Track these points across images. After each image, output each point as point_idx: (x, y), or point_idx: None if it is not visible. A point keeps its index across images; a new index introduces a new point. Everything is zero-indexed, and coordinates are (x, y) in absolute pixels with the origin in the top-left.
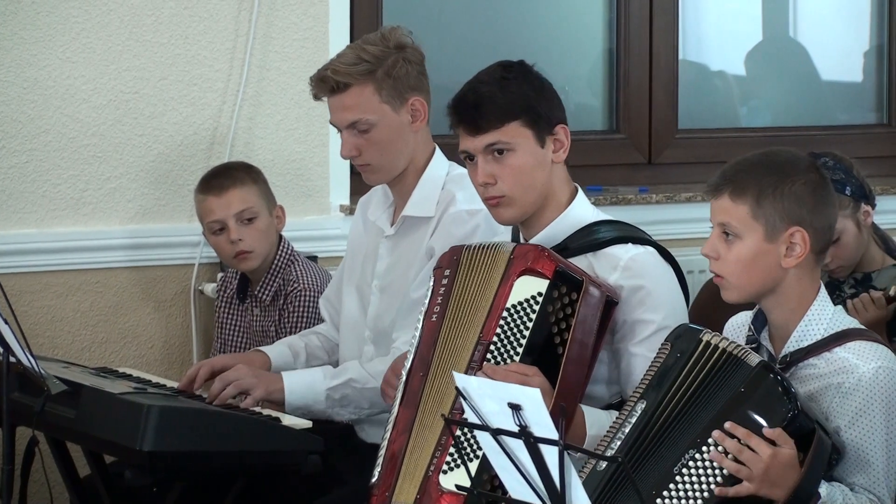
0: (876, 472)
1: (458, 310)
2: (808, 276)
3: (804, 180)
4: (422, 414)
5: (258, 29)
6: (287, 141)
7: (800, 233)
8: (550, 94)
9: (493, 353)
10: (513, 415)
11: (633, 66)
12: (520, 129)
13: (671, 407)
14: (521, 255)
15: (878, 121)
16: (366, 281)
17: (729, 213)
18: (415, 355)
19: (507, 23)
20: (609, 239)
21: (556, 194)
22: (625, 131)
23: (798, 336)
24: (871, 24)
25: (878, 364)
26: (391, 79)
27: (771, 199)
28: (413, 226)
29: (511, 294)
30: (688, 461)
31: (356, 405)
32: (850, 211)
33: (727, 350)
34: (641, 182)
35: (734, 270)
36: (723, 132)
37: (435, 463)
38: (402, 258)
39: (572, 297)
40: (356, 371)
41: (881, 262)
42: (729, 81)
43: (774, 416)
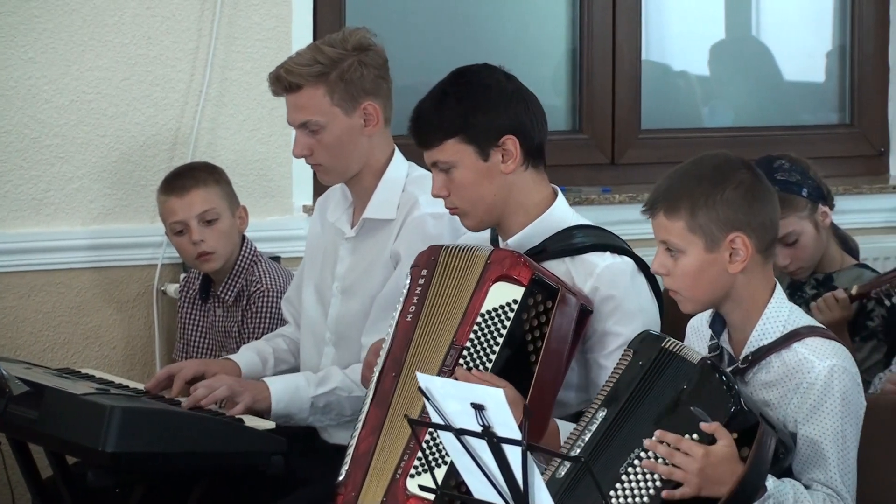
0: (832, 467)
1: (433, 311)
2: (759, 276)
3: (735, 184)
4: (392, 415)
5: (221, 29)
6: (250, 141)
7: (740, 238)
8: (499, 104)
9: (466, 358)
10: (476, 415)
11: (596, 67)
12: (458, 146)
13: (628, 412)
14: (497, 261)
15: (840, 121)
16: (326, 283)
17: (667, 231)
18: (387, 355)
19: (471, 23)
20: (588, 245)
21: (523, 200)
22: (588, 132)
23: (757, 336)
24: (834, 24)
25: (834, 362)
26: (344, 82)
27: (704, 211)
28: (374, 228)
29: (486, 300)
30: (633, 460)
31: (338, 412)
32: (807, 212)
33: (678, 354)
34: (604, 182)
35: (684, 284)
36: (685, 132)
37: (403, 466)
38: (364, 260)
39: (547, 306)
40: (340, 379)
41: (841, 262)
42: (692, 82)
43: (717, 413)
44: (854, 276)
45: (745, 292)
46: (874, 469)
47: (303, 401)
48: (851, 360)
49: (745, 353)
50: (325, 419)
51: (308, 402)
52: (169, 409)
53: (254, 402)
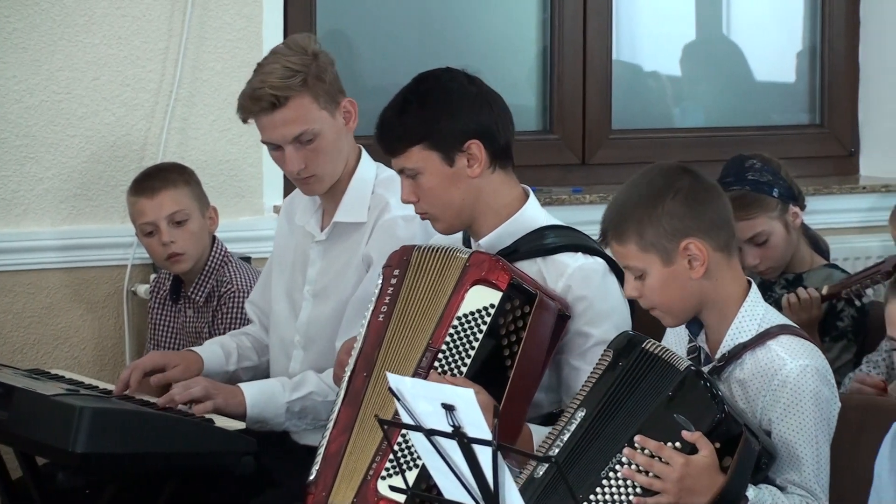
0: (806, 468)
1: (406, 311)
2: (726, 274)
3: (672, 194)
4: (363, 415)
5: (191, 29)
6: (220, 142)
7: (692, 243)
8: (462, 109)
9: (441, 360)
10: (446, 415)
11: (566, 67)
12: (423, 153)
13: (607, 414)
14: (476, 264)
15: (810, 121)
16: (296, 286)
17: (624, 257)
18: (359, 355)
19: (442, 24)
20: (559, 245)
21: (493, 202)
22: (559, 132)
23: (732, 335)
24: (804, 24)
25: (807, 362)
26: (322, 83)
27: (650, 228)
28: (345, 231)
29: (463, 303)
30: (614, 465)
31: (314, 416)
32: (777, 213)
33: (661, 357)
34: (575, 182)
35: (657, 301)
36: (656, 132)
37: (374, 468)
38: (335, 263)
39: (525, 311)
40: (315, 383)
41: (811, 262)
42: (662, 82)
43: (701, 421)
44: (824, 277)
45: (717, 294)
46: (842, 469)
47: (278, 406)
48: (824, 361)
49: (721, 351)
50: (301, 424)
51: (283, 406)
52: (139, 409)
53: (226, 405)
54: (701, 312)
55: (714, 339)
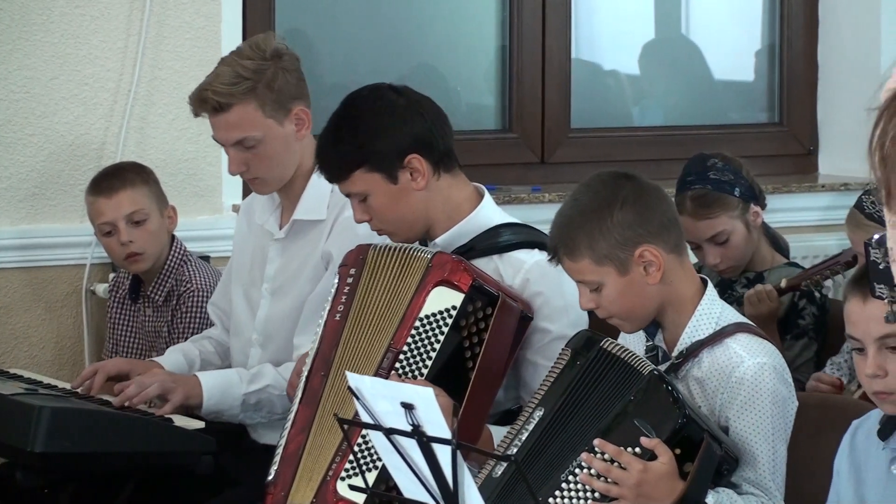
0: (762, 467)
1: (364, 310)
2: (680, 274)
3: (620, 203)
4: (321, 414)
5: (150, 28)
6: (179, 141)
7: (646, 250)
8: (395, 126)
9: (403, 361)
10: (406, 414)
11: (525, 66)
12: (366, 176)
13: (566, 413)
14: (439, 265)
15: (769, 120)
16: (254, 284)
17: (578, 272)
18: (316, 354)
19: (401, 22)
20: (516, 242)
21: (445, 207)
22: (518, 130)
23: (689, 333)
24: (763, 23)
25: (764, 360)
26: (273, 92)
27: (602, 241)
28: (304, 229)
29: (425, 304)
30: (574, 468)
31: (269, 410)
32: (738, 212)
33: (621, 358)
34: (534, 181)
35: (615, 310)
36: (615, 131)
37: (334, 468)
38: (294, 261)
39: (487, 312)
40: (273, 376)
41: (772, 261)
42: (621, 80)
43: (662, 426)
44: (784, 275)
45: (673, 295)
46: (802, 467)
47: (234, 397)
48: (781, 359)
49: (677, 349)
50: (256, 416)
51: (240, 398)
52: (98, 409)
53: (186, 398)
54: (658, 313)
55: (671, 337)
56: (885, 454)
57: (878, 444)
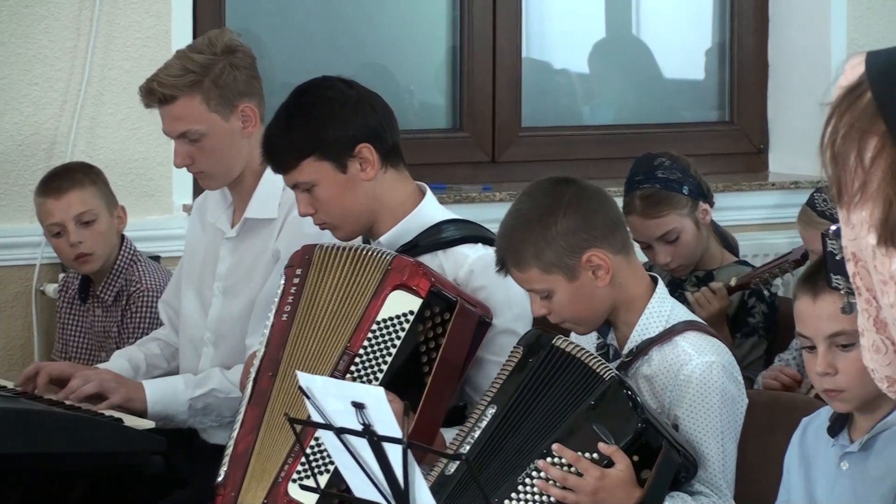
0: (713, 466)
1: (313, 311)
2: (629, 274)
3: (563, 211)
4: (270, 414)
5: (100, 27)
6: (129, 140)
7: (594, 255)
8: (346, 115)
9: (358, 364)
10: (356, 413)
11: (476, 65)
12: (315, 165)
13: (520, 412)
14: (397, 269)
15: (719, 118)
16: (206, 283)
17: (527, 282)
18: (264, 354)
19: (351, 22)
20: (459, 237)
21: (389, 202)
22: (468, 130)
23: (639, 331)
24: (713, 22)
25: (713, 359)
26: (219, 88)
27: (548, 250)
28: (255, 227)
29: (383, 308)
30: (531, 471)
31: (218, 414)
32: (687, 210)
33: (578, 358)
34: (485, 180)
35: (567, 315)
36: (566, 130)
37: (286, 470)
38: (245, 260)
39: (444, 318)
40: (218, 380)
41: (721, 259)
42: (572, 79)
43: (621, 432)
44: (734, 273)
45: (624, 295)
46: (752, 465)
47: (180, 402)
48: (730, 357)
49: (628, 347)
50: (206, 420)
51: (186, 403)
52: (47, 409)
53: (127, 399)
54: (609, 313)
55: (622, 336)
56: (834, 451)
57: (827, 440)
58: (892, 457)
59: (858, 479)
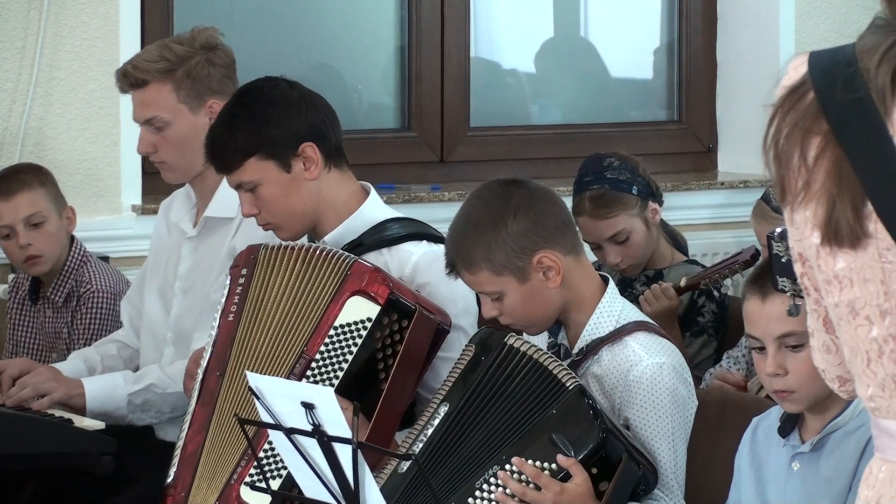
0: (664, 467)
1: (260, 311)
2: (578, 274)
3: (513, 213)
4: (219, 414)
5: (48, 28)
6: (78, 141)
7: (544, 256)
8: (290, 114)
9: (315, 370)
10: (306, 414)
11: (424, 65)
12: (259, 164)
13: (475, 411)
14: (357, 274)
15: (668, 118)
16: (168, 283)
17: (478, 284)
18: (211, 354)
19: (299, 22)
20: (403, 235)
21: (333, 202)
22: (417, 129)
23: (590, 330)
24: (662, 21)
25: (662, 360)
26: (191, 80)
27: (499, 252)
28: (215, 226)
29: (341, 313)
30: (489, 478)
31: (157, 409)
32: (637, 210)
33: (542, 364)
34: (434, 180)
35: (519, 317)
36: (514, 130)
37: (239, 472)
38: (205, 259)
39: (402, 325)
40: (156, 376)
41: (671, 258)
42: (520, 79)
43: (582, 443)
44: (684, 273)
45: (573, 296)
46: (702, 465)
47: (119, 398)
48: (681, 358)
49: (578, 346)
50: (145, 417)
51: (124, 399)
52: None
53: (68, 397)
54: (560, 314)
55: (573, 335)
56: (785, 451)
57: (778, 440)
58: (842, 457)
59: (810, 479)
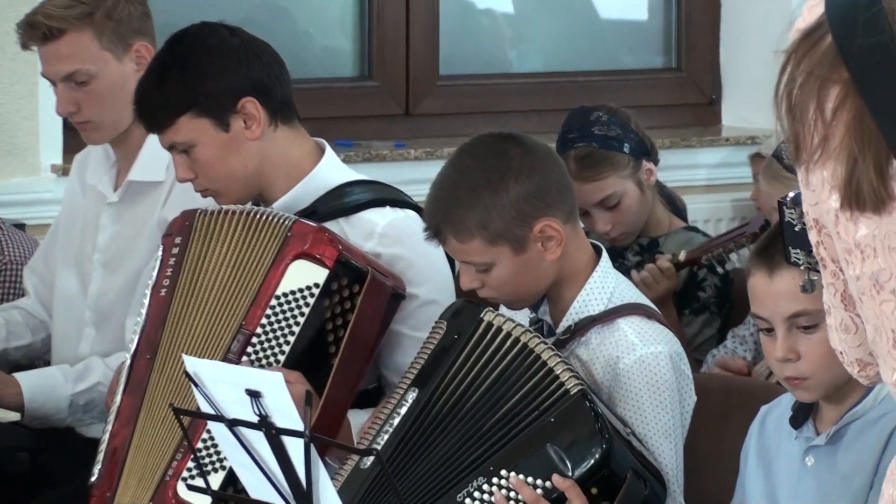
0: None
1: (196, 284)
2: (575, 246)
3: (515, 174)
4: (149, 403)
5: None
6: None
7: (547, 225)
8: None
9: (256, 346)
10: (252, 403)
11: (388, 4)
12: (193, 122)
13: (447, 400)
14: (299, 235)
15: (665, 65)
16: (86, 254)
17: (466, 253)
18: (140, 335)
19: None
20: (364, 202)
21: (281, 163)
22: (379, 78)
23: (579, 306)
24: None
25: (659, 349)
26: (112, 21)
27: (497, 219)
28: (140, 191)
29: (283, 280)
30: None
31: (101, 409)
32: (629, 171)
33: (537, 353)
34: (398, 136)
35: (505, 292)
36: (490, 78)
37: (174, 467)
38: (129, 229)
39: (353, 290)
40: (101, 372)
41: (668, 225)
42: (497, 21)
43: (581, 457)
44: (682, 241)
45: (567, 269)
46: (703, 460)
47: (60, 399)
48: (678, 346)
49: (565, 323)
50: (86, 418)
51: (66, 399)
52: None
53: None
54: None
55: (558, 311)
56: (797, 444)
57: (790, 432)
58: (863, 451)
59: (825, 475)
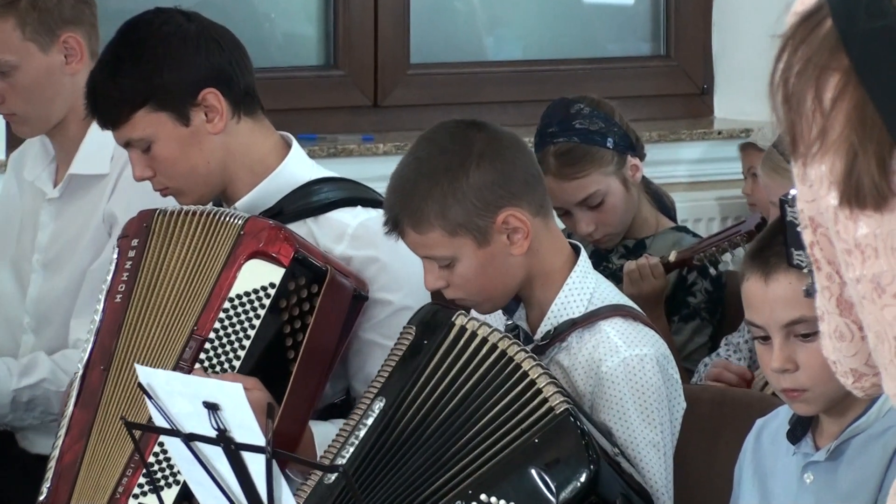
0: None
1: (153, 290)
2: (545, 240)
3: (476, 160)
4: (103, 417)
5: None
6: None
7: (511, 215)
8: (186, 54)
9: (209, 352)
10: (209, 416)
11: None
12: (150, 117)
13: (416, 410)
14: (252, 233)
15: (653, 52)
16: (24, 255)
17: (425, 247)
18: (94, 344)
19: None
20: (334, 200)
21: (245, 158)
22: (345, 67)
23: (557, 310)
24: None
25: (644, 352)
26: (37, 11)
27: (457, 207)
28: (83, 186)
29: (237, 282)
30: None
31: (44, 409)
32: (613, 167)
33: (518, 363)
34: (366, 129)
35: (471, 290)
36: (465, 67)
37: (125, 483)
38: (71, 226)
39: (312, 291)
40: (48, 368)
41: (656, 225)
42: (472, 6)
43: (566, 480)
44: (671, 242)
45: (538, 267)
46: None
47: (2, 395)
48: (666, 350)
49: (543, 328)
50: (27, 417)
51: (9, 395)
52: None
53: None
54: (520, 289)
55: (535, 316)
56: (795, 460)
57: (787, 447)
58: (865, 467)
59: (825, 493)
